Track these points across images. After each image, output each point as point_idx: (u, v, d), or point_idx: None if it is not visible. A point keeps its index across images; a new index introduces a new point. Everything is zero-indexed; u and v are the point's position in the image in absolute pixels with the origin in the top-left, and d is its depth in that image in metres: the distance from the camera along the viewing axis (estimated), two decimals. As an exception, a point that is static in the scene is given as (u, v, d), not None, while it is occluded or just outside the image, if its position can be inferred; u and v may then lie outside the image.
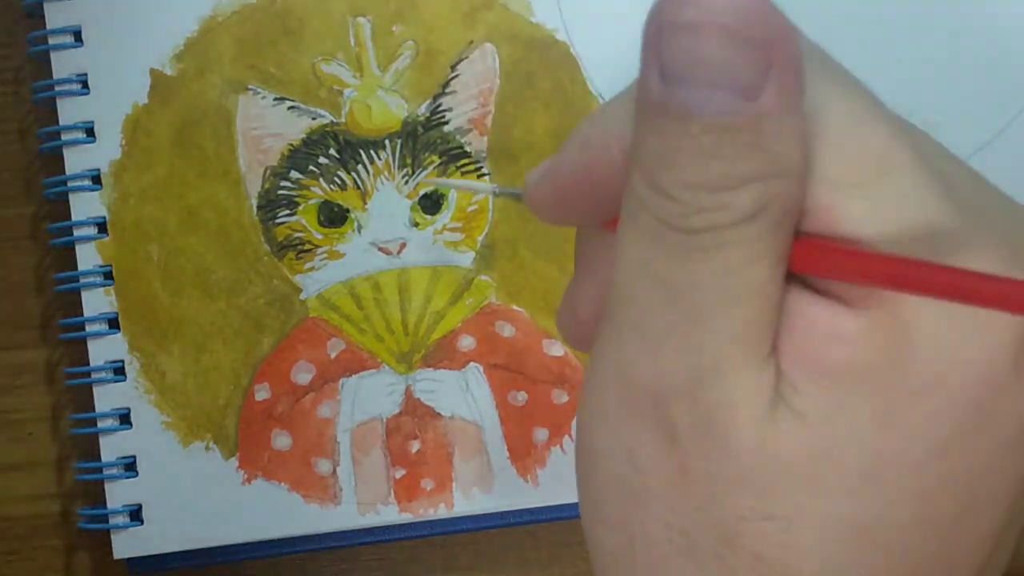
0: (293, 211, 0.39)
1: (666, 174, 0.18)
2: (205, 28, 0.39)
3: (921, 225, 0.18)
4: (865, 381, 0.18)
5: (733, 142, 0.17)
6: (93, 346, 0.38)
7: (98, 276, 0.38)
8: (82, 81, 0.39)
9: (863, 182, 0.18)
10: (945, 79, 0.39)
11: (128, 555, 0.38)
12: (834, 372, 0.18)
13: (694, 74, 0.17)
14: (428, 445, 0.38)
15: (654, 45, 0.18)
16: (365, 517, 0.38)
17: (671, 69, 0.17)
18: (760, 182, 0.18)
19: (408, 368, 0.38)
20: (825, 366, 0.18)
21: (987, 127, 0.39)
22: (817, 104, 0.18)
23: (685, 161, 0.18)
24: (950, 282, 0.17)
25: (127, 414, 0.38)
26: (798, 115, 0.18)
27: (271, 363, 0.38)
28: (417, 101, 0.39)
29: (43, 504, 0.39)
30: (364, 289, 0.39)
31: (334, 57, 0.39)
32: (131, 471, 0.38)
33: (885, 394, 0.18)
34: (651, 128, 0.18)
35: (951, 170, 0.20)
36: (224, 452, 0.38)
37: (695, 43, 0.17)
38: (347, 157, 0.39)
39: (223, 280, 0.39)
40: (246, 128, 0.39)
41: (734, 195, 0.18)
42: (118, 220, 0.39)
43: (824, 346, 0.19)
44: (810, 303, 0.19)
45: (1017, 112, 0.39)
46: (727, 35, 0.17)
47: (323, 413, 0.38)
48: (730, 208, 0.18)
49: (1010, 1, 0.39)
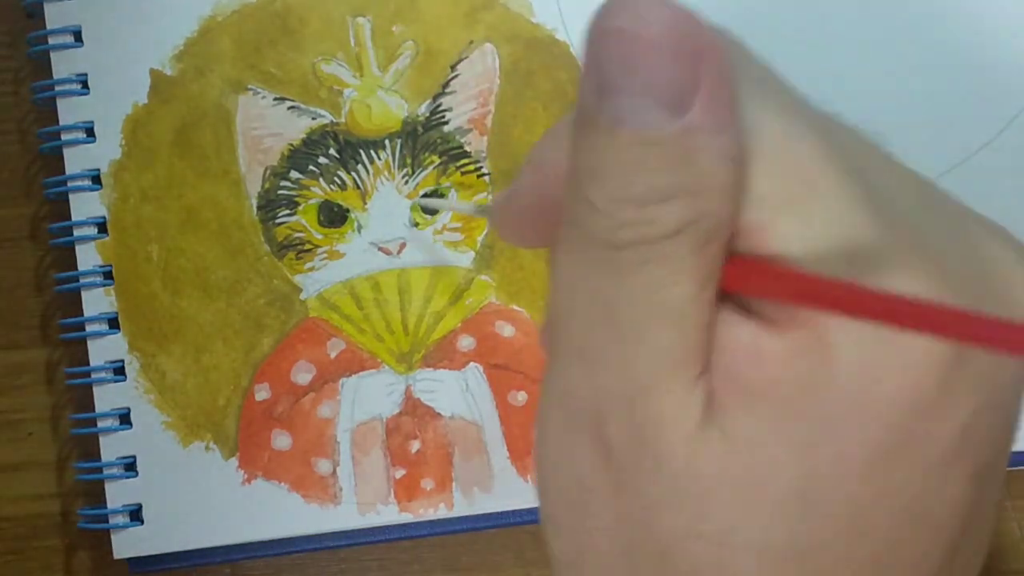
0: (293, 211, 0.39)
1: (594, 187, 0.18)
2: (205, 28, 0.39)
3: (848, 243, 0.18)
4: (789, 403, 0.18)
5: (659, 156, 0.17)
6: (93, 346, 0.38)
7: (98, 276, 0.38)
8: (82, 81, 0.39)
9: (792, 200, 0.18)
10: (945, 79, 0.39)
11: (128, 555, 0.38)
12: (758, 393, 0.18)
13: (624, 84, 0.17)
14: (428, 445, 0.38)
15: (590, 54, 0.18)
16: (365, 517, 0.38)
17: (603, 78, 0.17)
18: (685, 198, 0.17)
19: (408, 368, 0.38)
20: (750, 387, 0.18)
21: (986, 127, 0.39)
22: (749, 122, 0.18)
23: (613, 174, 0.18)
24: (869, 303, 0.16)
25: (127, 414, 0.38)
26: (728, 132, 0.18)
27: (271, 363, 0.38)
28: (417, 101, 0.39)
29: (43, 504, 0.39)
30: (364, 289, 0.39)
31: (334, 57, 0.39)
32: (131, 471, 0.38)
33: (809, 416, 0.18)
34: (584, 141, 0.18)
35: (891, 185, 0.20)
36: (224, 452, 0.38)
37: (625, 51, 0.17)
38: (347, 157, 0.39)
39: (223, 280, 0.39)
40: (246, 128, 0.39)
41: (659, 210, 0.17)
42: (118, 220, 0.39)
43: (748, 367, 0.18)
44: (737, 323, 0.19)
45: (1017, 112, 0.39)
46: (656, 46, 0.17)
47: (323, 413, 0.38)
48: (655, 223, 0.18)
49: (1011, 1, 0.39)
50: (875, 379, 0.18)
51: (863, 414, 0.18)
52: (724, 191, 0.18)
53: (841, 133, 0.20)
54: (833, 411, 0.18)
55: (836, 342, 0.18)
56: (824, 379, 0.18)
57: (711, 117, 0.17)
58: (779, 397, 0.18)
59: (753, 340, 0.18)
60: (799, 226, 0.18)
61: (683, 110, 0.17)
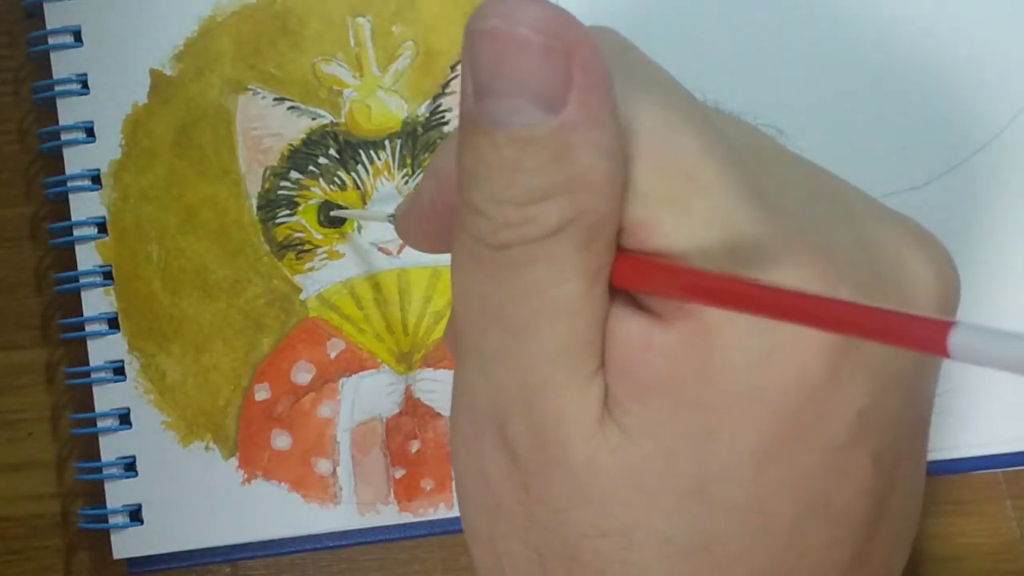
0: (293, 211, 0.39)
1: (476, 190, 0.18)
2: (205, 28, 0.39)
3: (732, 236, 0.18)
4: (680, 395, 0.18)
5: (536, 155, 0.17)
6: (93, 346, 0.38)
7: (98, 276, 0.38)
8: (82, 81, 0.39)
9: (674, 195, 0.18)
10: (943, 79, 0.39)
11: (128, 555, 0.38)
12: (650, 387, 0.18)
13: (498, 85, 0.17)
14: (428, 445, 0.38)
15: (466, 56, 0.18)
16: (365, 517, 0.38)
17: (479, 80, 0.17)
18: (564, 196, 0.17)
19: (408, 368, 0.38)
20: (641, 381, 0.18)
21: (986, 127, 0.39)
22: (629, 117, 0.18)
23: (492, 175, 0.18)
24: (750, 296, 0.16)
25: (127, 414, 0.38)
26: (605, 129, 0.17)
27: (271, 363, 0.38)
28: (417, 101, 0.39)
29: (43, 504, 0.39)
30: (364, 289, 0.39)
31: (334, 57, 0.39)
32: (131, 471, 0.38)
33: (701, 407, 0.18)
34: (465, 144, 0.18)
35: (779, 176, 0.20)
36: (224, 452, 0.38)
37: (498, 52, 0.17)
38: (347, 157, 0.39)
39: (223, 280, 0.39)
40: (246, 128, 0.39)
41: (539, 209, 0.17)
42: (118, 220, 0.39)
43: (639, 361, 0.18)
44: (628, 317, 0.19)
45: (1016, 113, 0.39)
46: (526, 44, 0.17)
47: (323, 413, 0.38)
48: (536, 222, 0.18)
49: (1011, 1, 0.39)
50: (763, 366, 0.18)
51: (754, 402, 0.18)
52: (604, 187, 0.18)
53: (727, 127, 0.20)
54: (724, 401, 0.18)
55: (722, 332, 0.18)
56: (713, 369, 0.18)
57: (586, 113, 0.17)
58: (670, 389, 0.18)
59: (643, 334, 0.18)
60: (682, 221, 0.18)
61: (557, 108, 0.17)
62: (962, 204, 0.38)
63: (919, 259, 0.20)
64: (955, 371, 0.37)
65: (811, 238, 0.18)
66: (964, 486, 0.38)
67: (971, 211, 0.38)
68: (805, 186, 0.20)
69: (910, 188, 0.38)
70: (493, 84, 0.17)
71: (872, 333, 0.15)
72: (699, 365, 0.18)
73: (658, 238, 0.18)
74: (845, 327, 0.15)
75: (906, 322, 0.14)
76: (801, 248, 0.18)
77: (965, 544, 0.38)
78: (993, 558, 0.38)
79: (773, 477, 0.19)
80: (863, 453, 0.19)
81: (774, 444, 0.18)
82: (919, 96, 0.39)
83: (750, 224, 0.18)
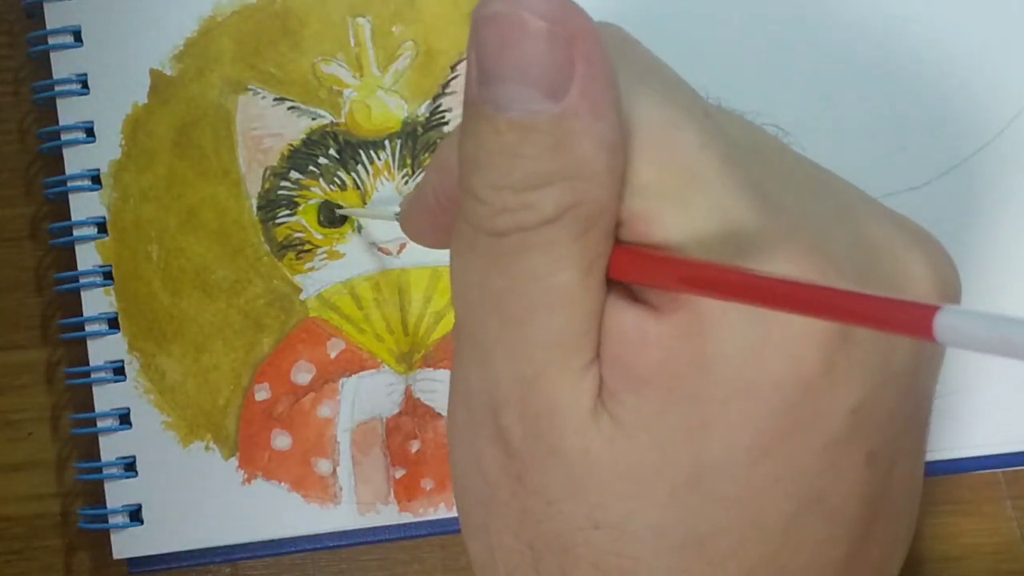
0: (293, 211, 0.39)
1: (476, 175, 0.18)
2: (205, 28, 0.39)
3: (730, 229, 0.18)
4: (675, 387, 0.18)
5: (536, 142, 0.17)
6: (93, 346, 0.38)
7: (98, 276, 0.38)
8: (82, 81, 0.39)
9: (673, 189, 0.18)
10: (943, 79, 0.39)
11: (128, 555, 0.38)
12: (645, 378, 0.18)
13: (502, 71, 0.17)
14: (428, 445, 0.38)
15: (472, 42, 0.18)
16: (365, 517, 0.38)
17: (483, 66, 0.17)
18: (562, 184, 0.17)
19: (408, 368, 0.38)
20: (636, 372, 0.18)
21: (986, 128, 0.39)
22: (631, 110, 0.18)
23: (492, 161, 0.18)
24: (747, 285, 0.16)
25: (127, 414, 0.38)
26: (606, 119, 0.18)
27: (271, 363, 0.38)
28: (417, 101, 0.39)
29: (43, 504, 0.39)
30: (364, 289, 0.39)
31: (334, 57, 0.39)
32: (131, 471, 0.38)
33: (695, 400, 0.18)
34: (468, 129, 0.18)
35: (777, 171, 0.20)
36: (224, 452, 0.38)
37: (502, 38, 0.17)
38: (347, 157, 0.39)
39: (223, 280, 0.39)
40: (246, 128, 0.39)
41: (537, 196, 0.18)
42: (118, 220, 0.39)
43: (634, 352, 0.18)
44: (624, 309, 0.19)
45: (1016, 113, 0.39)
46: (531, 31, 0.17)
47: (323, 413, 0.38)
48: (534, 209, 0.18)
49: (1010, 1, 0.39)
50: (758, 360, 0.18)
51: (748, 396, 0.18)
52: (603, 177, 0.18)
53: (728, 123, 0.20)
54: (718, 394, 0.18)
55: (717, 323, 0.18)
56: (707, 361, 0.18)
57: (588, 103, 0.17)
58: (665, 381, 0.18)
59: (638, 325, 0.18)
60: (681, 214, 0.18)
61: (559, 95, 0.17)
62: (962, 204, 0.38)
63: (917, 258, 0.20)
64: (956, 374, 0.37)
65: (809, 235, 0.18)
66: (964, 486, 0.38)
67: (971, 211, 0.38)
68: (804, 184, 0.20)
69: (910, 188, 0.38)
70: (496, 70, 0.17)
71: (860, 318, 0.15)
72: (693, 357, 0.18)
73: (657, 231, 0.18)
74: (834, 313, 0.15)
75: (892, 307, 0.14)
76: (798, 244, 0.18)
77: (965, 544, 0.38)
78: (993, 558, 0.38)
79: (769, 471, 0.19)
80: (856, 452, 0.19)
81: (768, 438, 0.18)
82: (919, 96, 0.39)
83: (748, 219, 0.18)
